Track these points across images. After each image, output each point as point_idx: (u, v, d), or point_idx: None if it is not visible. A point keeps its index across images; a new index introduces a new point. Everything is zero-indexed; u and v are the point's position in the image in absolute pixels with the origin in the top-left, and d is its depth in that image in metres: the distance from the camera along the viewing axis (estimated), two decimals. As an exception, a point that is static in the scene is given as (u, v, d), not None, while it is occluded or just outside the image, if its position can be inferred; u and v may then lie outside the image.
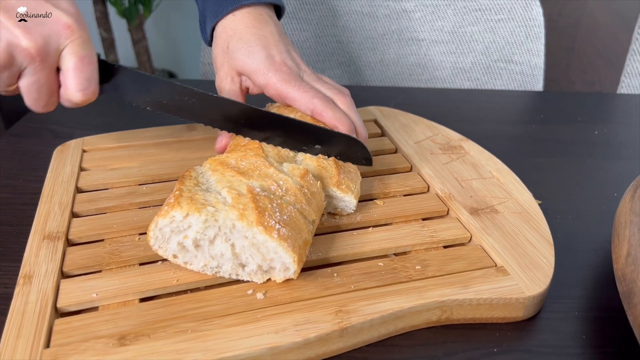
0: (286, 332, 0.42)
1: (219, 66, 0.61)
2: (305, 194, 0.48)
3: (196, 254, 0.46)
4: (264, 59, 0.58)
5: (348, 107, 0.58)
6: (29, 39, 0.46)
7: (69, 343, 0.41)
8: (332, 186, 0.53)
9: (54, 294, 0.45)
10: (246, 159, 0.49)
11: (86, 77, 0.50)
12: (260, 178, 0.47)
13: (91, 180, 0.60)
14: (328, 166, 0.54)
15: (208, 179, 0.48)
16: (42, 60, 0.47)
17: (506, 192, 0.59)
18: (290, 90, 0.57)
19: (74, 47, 0.49)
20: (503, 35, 1.00)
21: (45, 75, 0.49)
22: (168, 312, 0.44)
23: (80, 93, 0.50)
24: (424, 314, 0.45)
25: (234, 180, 0.47)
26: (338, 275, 0.47)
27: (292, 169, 0.50)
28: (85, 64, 0.50)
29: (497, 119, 0.83)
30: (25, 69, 0.48)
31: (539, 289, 0.46)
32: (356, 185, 0.55)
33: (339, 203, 0.54)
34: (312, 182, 0.50)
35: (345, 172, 0.55)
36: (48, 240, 0.50)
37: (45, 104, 0.51)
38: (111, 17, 2.20)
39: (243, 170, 0.48)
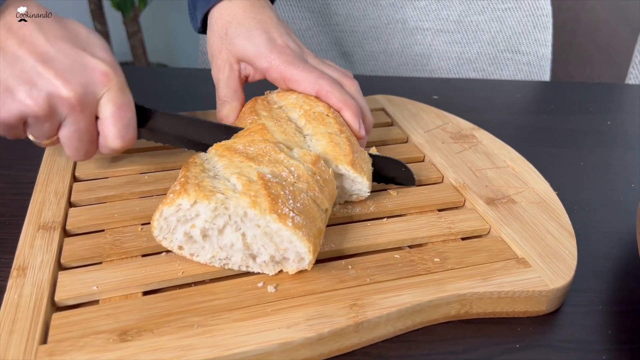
0: (298, 327, 0.39)
1: (215, 53, 0.59)
2: (317, 181, 0.46)
3: (204, 245, 0.43)
4: (266, 42, 0.56)
5: (355, 91, 0.56)
6: (69, 89, 0.45)
7: (66, 339, 0.38)
8: (346, 165, 0.49)
9: (50, 287, 0.42)
10: (254, 144, 0.47)
11: (124, 124, 0.49)
12: (271, 164, 0.45)
13: (88, 168, 0.57)
14: (341, 143, 0.51)
15: (215, 165, 0.45)
16: (82, 110, 0.47)
17: (522, 181, 0.57)
18: (294, 71, 0.54)
19: (111, 94, 0.48)
20: (510, 24, 0.98)
21: (85, 125, 0.48)
22: (173, 306, 0.41)
23: (120, 140, 0.49)
24: (443, 308, 0.43)
25: (244, 166, 0.44)
26: (353, 268, 0.45)
27: (303, 154, 0.47)
28: (123, 111, 0.49)
29: (506, 108, 0.80)
30: (65, 119, 0.47)
31: (563, 282, 0.44)
32: (368, 167, 0.52)
33: (352, 186, 0.51)
34: (324, 169, 0.47)
35: (357, 151, 0.51)
36: (43, 230, 0.48)
37: (86, 152, 0.51)
38: (106, 10, 2.16)
39: (252, 156, 0.45)
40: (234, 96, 0.58)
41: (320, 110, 0.53)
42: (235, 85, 0.58)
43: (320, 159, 0.48)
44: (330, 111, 0.53)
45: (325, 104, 0.54)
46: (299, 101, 0.54)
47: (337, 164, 0.49)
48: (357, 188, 0.51)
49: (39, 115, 0.46)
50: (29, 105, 0.45)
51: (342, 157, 0.49)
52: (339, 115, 0.54)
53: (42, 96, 0.45)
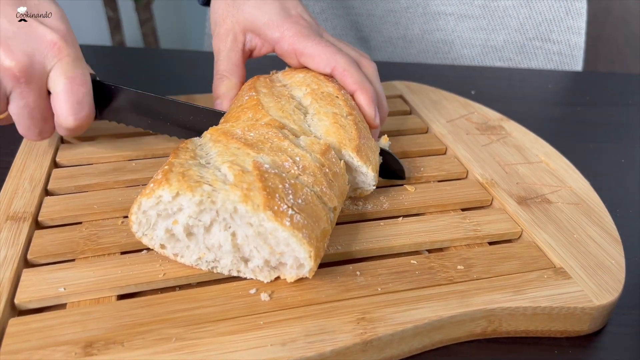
0: (295, 345, 0.33)
1: (220, 21, 0.52)
2: (326, 174, 0.39)
3: (188, 244, 0.37)
4: (278, 10, 0.50)
5: (372, 74, 0.50)
6: (11, 58, 0.41)
7: (21, 350, 0.32)
8: (351, 151, 0.42)
9: (11, 287, 0.36)
10: (255, 129, 0.40)
11: (77, 100, 0.44)
12: (272, 152, 0.38)
13: (72, 153, 0.52)
14: (347, 125, 0.44)
15: (208, 151, 0.39)
16: (27, 81, 0.42)
17: (558, 179, 0.50)
18: (308, 44, 0.48)
19: (62, 66, 0.43)
20: (540, 10, 0.90)
21: (34, 99, 0.44)
22: (150, 314, 0.35)
23: (72, 118, 0.44)
24: (467, 325, 0.37)
25: (240, 154, 0.38)
26: (362, 274, 0.39)
27: (311, 143, 0.41)
28: (76, 85, 0.44)
29: (537, 99, 0.73)
30: (11, 93, 0.43)
31: (610, 297, 0.38)
32: (375, 157, 0.45)
33: (356, 177, 0.44)
34: (334, 160, 0.41)
35: (365, 137, 0.45)
36: (12, 221, 0.42)
37: (40, 131, 0.46)
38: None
39: (251, 142, 0.39)
40: (234, 71, 0.51)
41: (329, 90, 0.47)
42: (237, 59, 0.52)
43: (331, 149, 0.41)
44: (340, 92, 0.47)
45: (335, 85, 0.48)
46: (307, 80, 0.48)
47: (341, 148, 0.42)
48: (361, 180, 0.44)
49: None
50: None
51: (347, 142, 0.43)
52: (351, 99, 0.48)
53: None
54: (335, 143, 0.42)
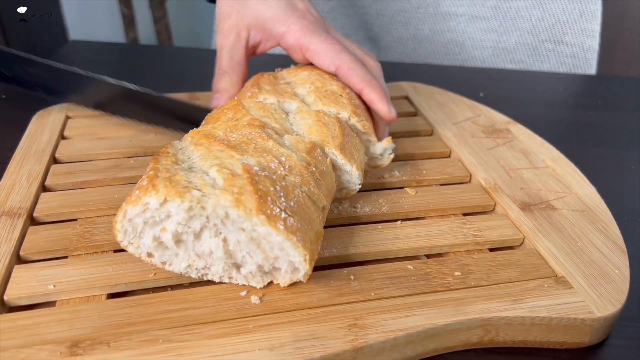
0: (284, 350, 0.32)
1: (224, 17, 0.52)
2: (313, 173, 0.38)
3: (177, 252, 0.36)
4: (284, 5, 0.49)
5: (377, 72, 0.49)
6: None
7: (7, 347, 0.32)
8: (334, 149, 0.41)
9: (1, 283, 0.36)
10: (237, 130, 0.40)
11: None
12: (257, 153, 0.38)
13: (72, 150, 0.51)
14: (330, 123, 0.43)
15: (190, 155, 0.38)
16: None
17: (564, 185, 0.49)
18: (314, 40, 0.47)
19: None
20: (554, 12, 0.88)
21: None
22: (139, 314, 0.35)
23: None
24: (463, 334, 0.36)
25: (224, 157, 0.37)
26: (356, 279, 0.38)
27: (296, 141, 0.40)
28: None
29: (547, 102, 0.72)
30: None
31: (612, 309, 0.36)
32: (359, 155, 0.44)
33: (341, 176, 0.43)
34: (320, 158, 0.40)
35: (349, 135, 0.44)
36: (6, 217, 0.42)
37: None
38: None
39: (234, 144, 0.38)
40: (235, 67, 0.51)
41: (333, 89, 0.46)
42: (239, 56, 0.51)
43: (317, 147, 0.40)
44: (344, 91, 0.46)
45: (340, 84, 0.47)
46: (311, 77, 0.47)
47: (324, 146, 0.42)
48: (346, 179, 0.43)
49: None
50: None
51: (330, 140, 0.42)
52: (355, 97, 0.47)
53: None
54: (318, 141, 0.41)
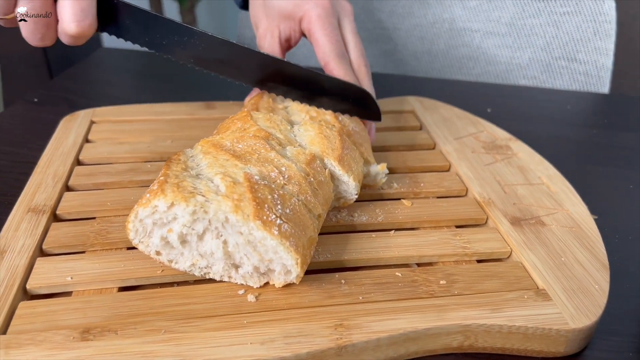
0: (274, 345, 0.35)
1: (258, 22, 0.58)
2: (311, 183, 0.41)
3: (182, 251, 0.40)
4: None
5: (363, 77, 0.54)
6: None
7: (27, 331, 0.36)
8: (333, 160, 0.45)
9: (25, 273, 0.40)
10: (244, 141, 0.43)
11: (81, 8, 0.46)
12: (259, 163, 0.41)
13: (94, 153, 0.55)
14: (331, 136, 0.46)
15: (199, 163, 0.42)
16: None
17: (556, 202, 0.51)
18: (320, 31, 0.53)
19: None
20: (568, 30, 0.90)
21: (41, 3, 0.45)
22: (146, 306, 0.38)
23: (75, 24, 0.46)
24: (443, 339, 0.38)
25: (228, 165, 0.40)
26: (346, 283, 0.41)
27: (297, 153, 0.43)
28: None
29: (554, 120, 0.73)
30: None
31: (587, 322, 0.38)
32: (358, 167, 0.47)
33: (338, 186, 0.46)
34: (319, 169, 0.43)
35: (348, 148, 0.47)
36: (32, 213, 0.46)
37: (42, 36, 0.47)
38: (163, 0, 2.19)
39: (239, 154, 0.41)
40: None
41: (327, 119, 0.49)
42: (275, 52, 0.56)
43: (316, 159, 0.43)
44: (337, 120, 0.49)
45: (333, 114, 0.50)
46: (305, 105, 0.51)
47: (324, 157, 0.45)
48: (343, 189, 0.46)
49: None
50: None
51: (330, 152, 0.45)
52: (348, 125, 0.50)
53: None
54: (318, 152, 0.45)
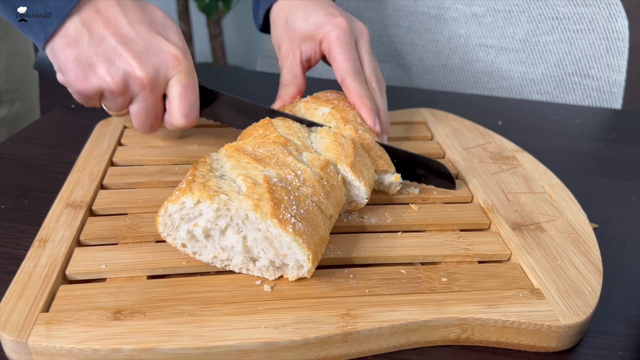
0: (285, 329, 0.39)
1: (280, 44, 0.62)
2: (324, 186, 0.45)
3: (206, 245, 0.44)
4: (324, 15, 0.59)
5: (376, 91, 0.58)
6: (143, 70, 0.50)
7: (66, 310, 0.40)
8: (346, 166, 0.48)
9: (64, 260, 0.44)
10: (264, 146, 0.47)
11: (189, 104, 0.53)
12: (277, 166, 0.45)
13: (126, 155, 0.60)
14: (345, 144, 0.50)
15: (223, 165, 0.46)
16: (152, 89, 0.51)
17: (557, 210, 0.54)
18: (338, 50, 0.57)
19: (180, 77, 0.52)
20: (580, 47, 0.92)
21: (153, 102, 0.53)
22: (171, 293, 0.42)
23: (184, 119, 0.54)
24: (441, 330, 0.41)
25: (250, 168, 0.44)
26: (354, 278, 0.44)
27: (312, 159, 0.47)
28: (189, 92, 0.53)
29: (562, 133, 0.76)
30: (136, 96, 0.52)
31: (577, 319, 0.41)
32: (369, 174, 0.50)
33: (350, 190, 0.50)
34: (332, 174, 0.47)
35: (360, 155, 0.50)
36: (71, 208, 0.50)
37: (151, 127, 0.56)
38: (192, 12, 2.27)
39: (260, 158, 0.45)
40: (293, 81, 0.61)
41: (347, 134, 0.53)
42: (296, 71, 0.61)
43: (330, 164, 0.47)
44: (357, 134, 0.53)
45: (353, 127, 0.54)
46: (327, 121, 0.55)
47: (337, 163, 0.49)
48: (355, 193, 0.50)
49: (114, 90, 0.50)
50: (107, 81, 0.50)
51: (344, 158, 0.49)
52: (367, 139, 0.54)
53: (119, 74, 0.50)
54: (332, 158, 0.48)
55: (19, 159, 0.63)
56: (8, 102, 0.83)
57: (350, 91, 0.56)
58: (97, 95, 0.52)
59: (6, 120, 0.83)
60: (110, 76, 0.50)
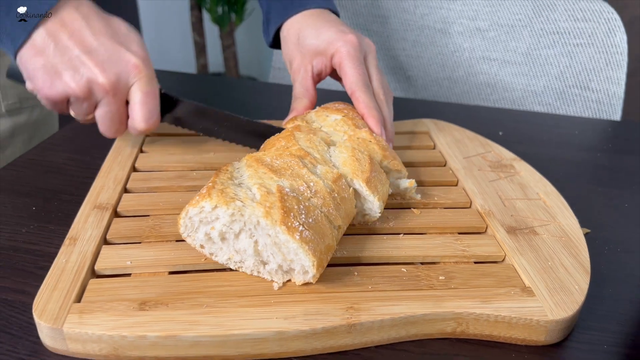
0: (295, 320, 0.43)
1: (292, 59, 0.66)
2: (334, 198, 0.49)
3: (221, 246, 0.47)
4: (335, 32, 0.63)
5: (383, 102, 0.62)
6: (105, 77, 0.55)
7: (96, 301, 0.44)
8: (362, 181, 0.52)
9: (93, 257, 0.48)
10: (281, 158, 0.51)
11: (149, 110, 0.58)
12: (291, 178, 0.49)
13: (148, 161, 0.64)
14: (362, 159, 0.53)
15: (242, 174, 0.50)
16: (114, 94, 0.56)
17: (550, 215, 0.57)
18: (349, 65, 0.61)
19: (140, 84, 0.57)
20: (581, 60, 0.96)
21: (117, 107, 0.57)
22: (191, 287, 0.46)
23: (144, 123, 0.58)
24: (438, 324, 0.45)
25: (266, 178, 0.48)
26: (358, 275, 0.48)
27: (326, 172, 0.51)
28: (149, 98, 0.57)
29: (560, 143, 0.79)
30: (100, 101, 0.57)
31: (564, 315, 0.44)
32: (383, 189, 0.54)
33: (364, 204, 0.53)
34: (344, 187, 0.51)
35: (376, 171, 0.54)
36: (98, 209, 0.55)
37: (116, 131, 0.60)
38: (205, 23, 2.33)
39: (276, 169, 0.49)
40: (305, 94, 0.65)
41: (363, 136, 0.57)
42: (307, 85, 0.65)
43: (342, 178, 0.51)
44: (372, 137, 0.57)
45: (368, 130, 0.58)
46: (342, 125, 0.59)
47: (353, 178, 0.52)
48: (368, 207, 0.53)
49: (79, 95, 0.55)
50: (72, 87, 0.54)
51: (360, 173, 0.52)
52: (383, 141, 0.58)
53: (82, 81, 0.54)
54: (349, 173, 0.52)
55: (47, 164, 0.68)
56: (28, 109, 0.88)
57: (359, 102, 0.60)
58: (63, 100, 0.56)
59: (26, 126, 0.88)
60: (75, 82, 0.54)
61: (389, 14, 1.00)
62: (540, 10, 0.95)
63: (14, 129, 0.86)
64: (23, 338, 0.44)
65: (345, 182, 0.51)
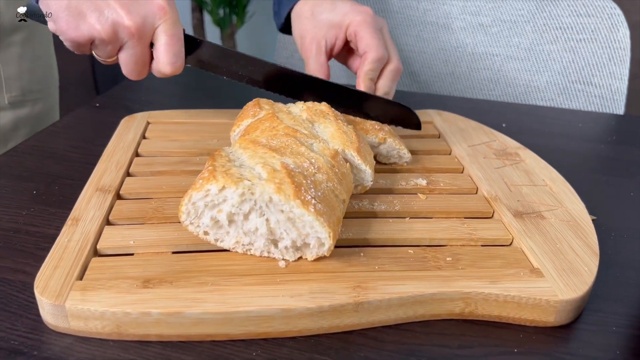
0: (301, 298, 0.42)
1: (304, 34, 0.66)
2: (336, 173, 0.49)
3: (229, 230, 0.46)
4: (349, 6, 0.64)
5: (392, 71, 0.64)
6: (130, 19, 0.53)
7: (99, 279, 0.43)
8: (353, 151, 0.52)
9: (95, 236, 0.48)
10: (277, 138, 0.50)
11: (175, 53, 0.56)
12: (293, 156, 0.48)
13: (151, 147, 0.64)
14: (348, 132, 0.54)
15: (239, 156, 0.49)
16: (139, 37, 0.55)
17: (557, 200, 0.57)
18: (365, 29, 0.62)
19: (166, 26, 0.55)
20: (583, 55, 0.96)
21: (141, 50, 0.56)
22: (195, 265, 0.45)
23: (170, 66, 0.57)
24: (447, 304, 0.44)
25: (267, 157, 0.47)
26: (365, 255, 0.47)
27: (323, 148, 0.51)
28: (174, 41, 0.56)
29: (563, 135, 0.79)
30: (125, 44, 0.55)
31: (574, 295, 0.44)
32: (370, 158, 0.55)
33: (356, 174, 0.54)
34: (342, 163, 0.50)
35: (363, 142, 0.55)
36: (100, 192, 0.54)
37: (139, 73, 0.59)
38: (206, 25, 2.33)
39: (275, 148, 0.49)
40: (320, 70, 0.66)
41: (321, 108, 0.57)
42: (322, 60, 0.66)
43: (339, 154, 0.51)
44: (330, 111, 0.57)
45: (327, 105, 0.58)
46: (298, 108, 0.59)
47: (344, 149, 0.52)
48: (361, 177, 0.54)
49: (104, 38, 0.54)
50: (97, 29, 0.53)
51: (349, 144, 0.53)
52: (340, 115, 0.59)
53: (108, 22, 0.53)
54: (340, 145, 0.52)
55: (49, 151, 0.67)
56: (30, 102, 0.87)
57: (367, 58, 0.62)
58: (88, 43, 0.55)
59: (28, 119, 0.87)
60: (100, 25, 0.53)
61: (392, 10, 1.00)
62: (542, 5, 0.95)
63: (17, 121, 0.85)
64: (23, 316, 0.43)
65: (342, 158, 0.51)
